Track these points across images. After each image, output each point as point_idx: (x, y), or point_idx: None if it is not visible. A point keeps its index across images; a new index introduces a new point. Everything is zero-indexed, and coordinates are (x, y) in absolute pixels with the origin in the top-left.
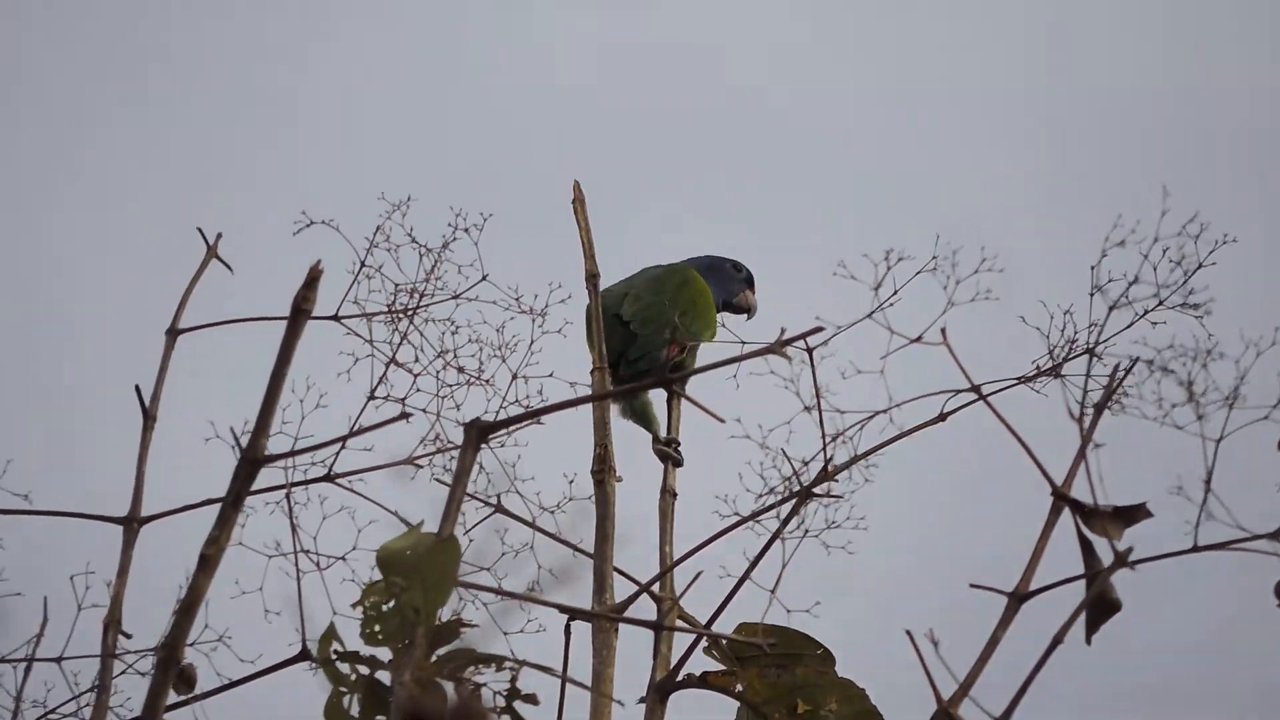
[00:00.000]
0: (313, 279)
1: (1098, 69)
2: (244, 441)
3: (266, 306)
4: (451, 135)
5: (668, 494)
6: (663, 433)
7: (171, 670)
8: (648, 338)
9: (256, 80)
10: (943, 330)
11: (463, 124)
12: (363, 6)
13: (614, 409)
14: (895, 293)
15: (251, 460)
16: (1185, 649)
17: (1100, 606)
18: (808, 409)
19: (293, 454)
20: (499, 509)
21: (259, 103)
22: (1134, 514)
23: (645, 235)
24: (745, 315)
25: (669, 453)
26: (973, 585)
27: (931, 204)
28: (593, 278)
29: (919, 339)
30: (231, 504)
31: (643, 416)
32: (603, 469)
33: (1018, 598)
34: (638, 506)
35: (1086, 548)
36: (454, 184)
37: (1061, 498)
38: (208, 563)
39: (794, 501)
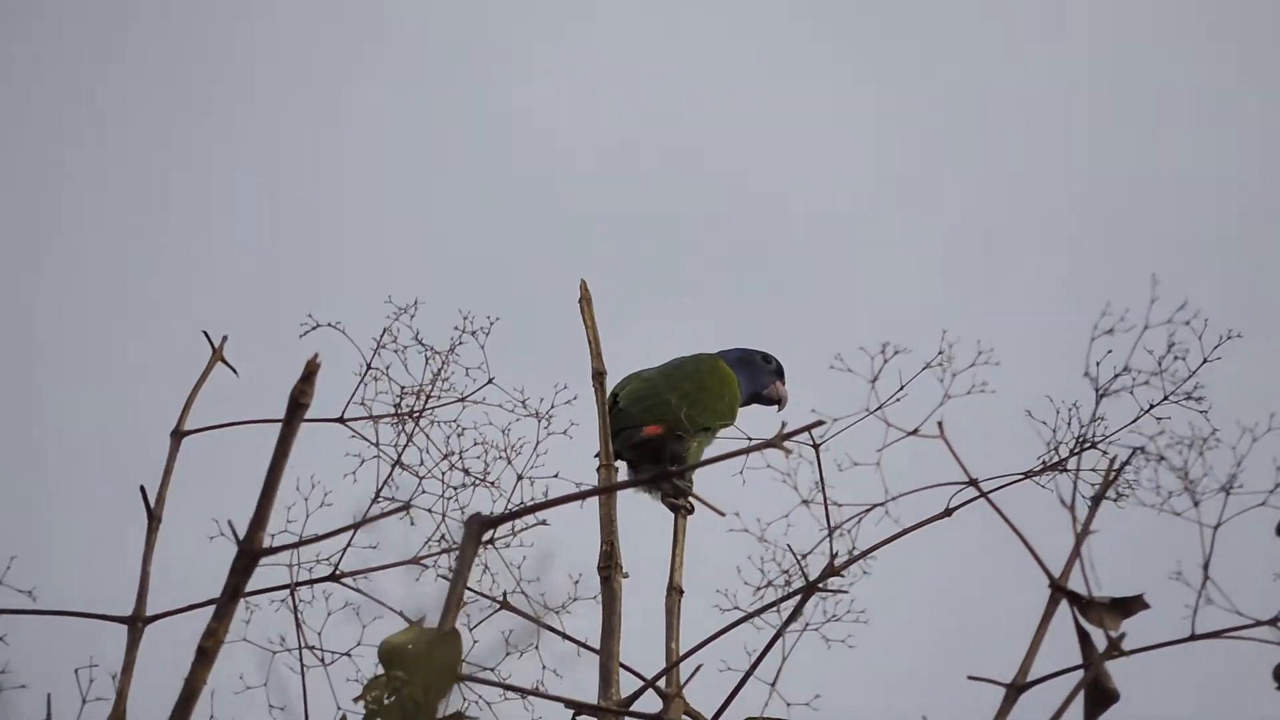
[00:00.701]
0: (309, 373)
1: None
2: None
3: (273, 409)
4: (458, 236)
5: (674, 591)
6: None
7: None
8: (631, 414)
9: (263, 181)
10: (939, 424)
11: (469, 224)
12: (370, 107)
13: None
14: (902, 387)
15: (249, 553)
16: None
17: (1098, 696)
18: (806, 503)
19: (291, 547)
20: (505, 605)
21: (266, 204)
22: (1131, 605)
23: (644, 332)
24: (776, 407)
25: (679, 503)
26: (970, 677)
27: (933, 297)
28: (599, 376)
29: (915, 432)
30: (229, 597)
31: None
32: (609, 565)
33: (1016, 688)
34: (642, 602)
35: (1084, 638)
36: (462, 286)
37: (1059, 589)
38: (206, 655)
39: (799, 596)
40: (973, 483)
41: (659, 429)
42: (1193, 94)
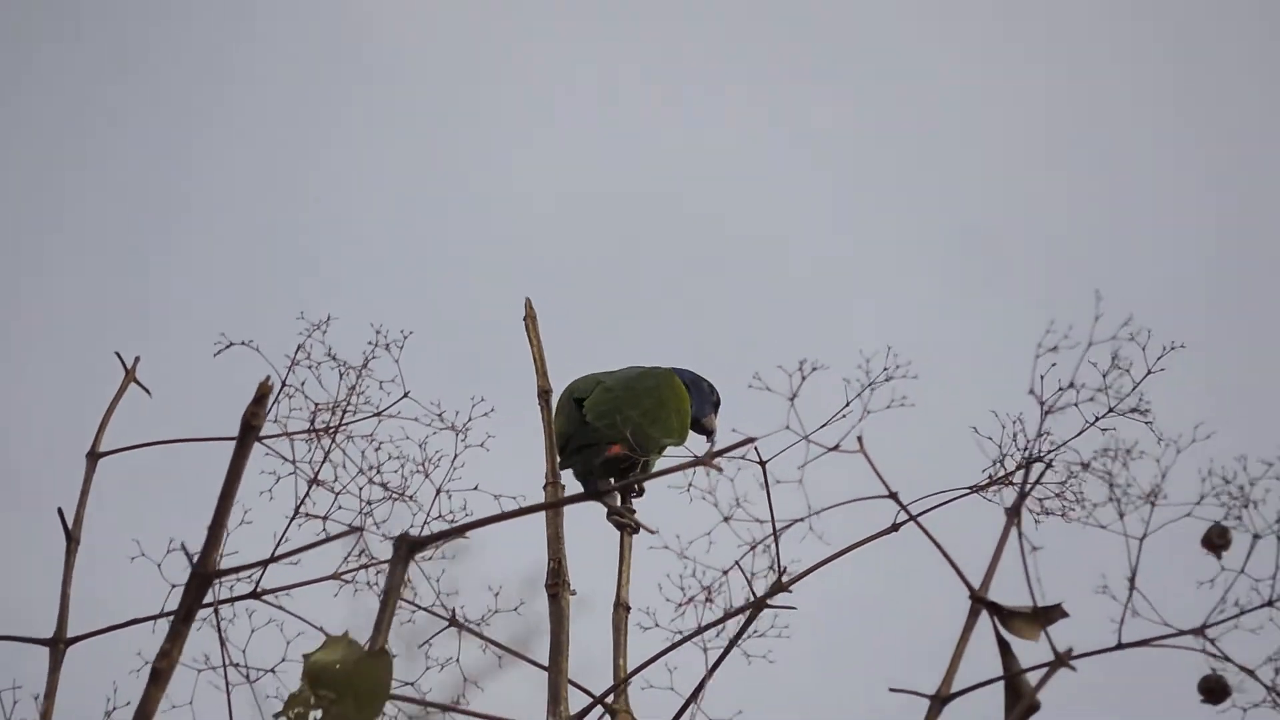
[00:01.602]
0: (261, 395)
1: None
2: (195, 557)
3: (188, 428)
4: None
5: (621, 607)
6: (617, 502)
7: None
8: (596, 430)
9: (168, 195)
10: (859, 439)
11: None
12: (282, 126)
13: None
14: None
15: (202, 575)
16: None
17: (1019, 708)
18: (726, 519)
19: (246, 568)
20: (453, 623)
21: (179, 223)
22: (1051, 614)
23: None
24: (706, 437)
25: (625, 522)
26: (892, 689)
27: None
28: (544, 394)
29: (836, 448)
30: (183, 618)
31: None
32: (557, 583)
33: (940, 700)
34: (586, 619)
35: (1005, 649)
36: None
37: (979, 600)
38: (159, 675)
39: (748, 613)
40: (893, 496)
41: (620, 449)
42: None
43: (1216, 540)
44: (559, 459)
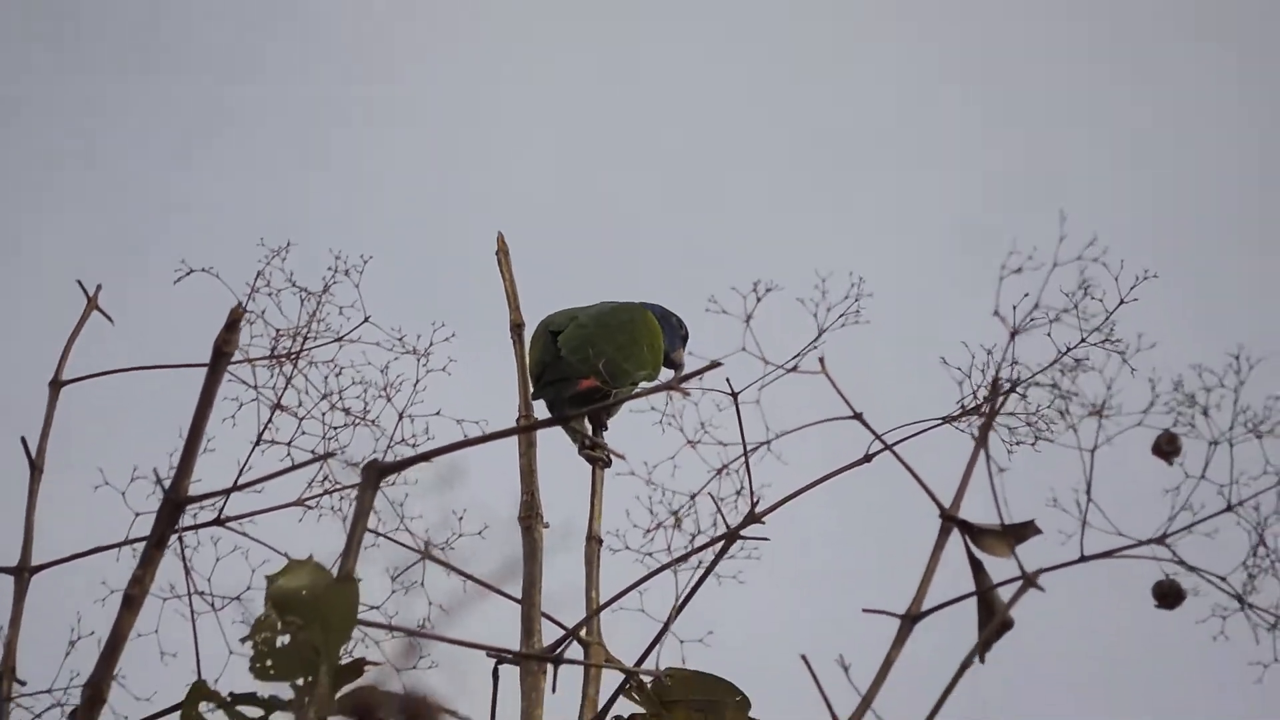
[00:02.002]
0: (233, 321)
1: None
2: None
3: (150, 356)
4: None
5: (593, 540)
6: (587, 431)
7: (98, 708)
8: (569, 364)
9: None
10: (820, 359)
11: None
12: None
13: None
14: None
15: (174, 502)
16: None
17: (992, 624)
18: (691, 444)
19: (216, 495)
20: (426, 555)
21: (144, 149)
22: (1023, 531)
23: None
24: (675, 371)
25: (597, 455)
26: (865, 610)
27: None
28: (517, 328)
29: (795, 369)
30: (155, 544)
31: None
32: (530, 515)
33: (911, 619)
34: (561, 552)
35: (976, 566)
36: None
37: (949, 519)
38: (132, 602)
39: (721, 543)
40: (857, 416)
41: (594, 381)
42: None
43: (1166, 447)
44: (532, 390)
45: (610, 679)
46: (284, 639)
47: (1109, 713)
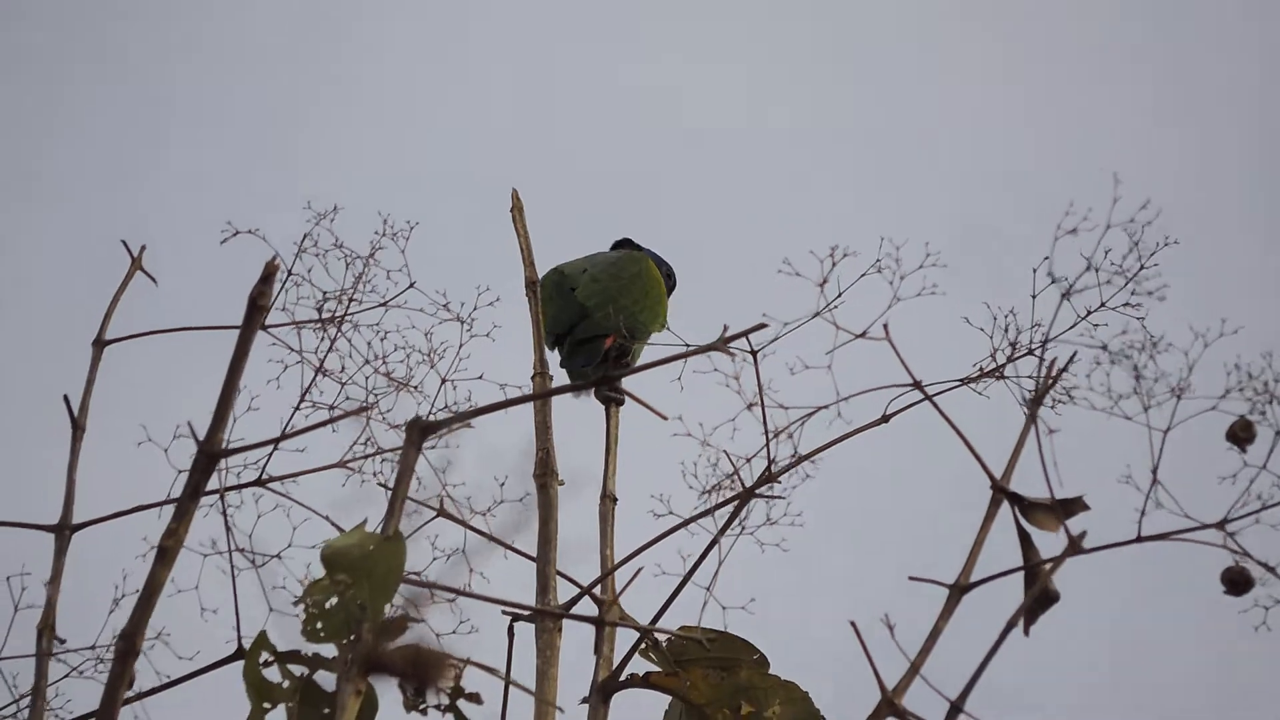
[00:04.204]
0: (268, 275)
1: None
2: (200, 436)
3: (193, 316)
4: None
5: (608, 499)
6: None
7: (130, 661)
8: (596, 322)
9: (179, 83)
10: (885, 326)
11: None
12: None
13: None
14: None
15: (209, 454)
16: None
17: (1038, 598)
18: (749, 406)
19: (250, 448)
20: (441, 513)
21: (183, 109)
22: (1072, 506)
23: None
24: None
25: (612, 395)
26: (911, 578)
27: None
28: (532, 285)
29: (863, 334)
30: (190, 496)
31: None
32: (545, 473)
33: (959, 589)
34: (577, 511)
35: (1025, 540)
36: (381, 191)
37: (1000, 491)
38: (166, 554)
39: (736, 502)
40: (917, 385)
41: (614, 337)
42: None
43: (1240, 434)
44: (560, 349)
45: (629, 637)
46: (333, 600)
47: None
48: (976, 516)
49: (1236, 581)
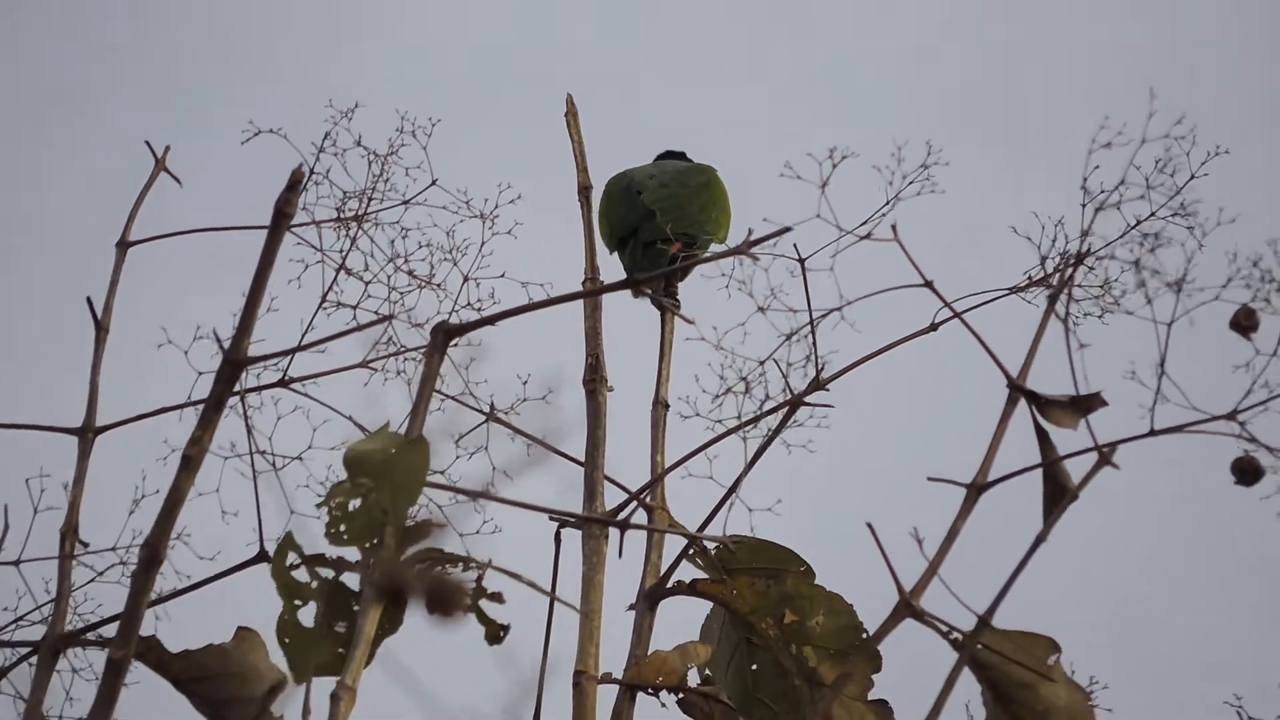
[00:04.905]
0: (294, 182)
1: None
2: (225, 344)
3: (216, 218)
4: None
5: (660, 404)
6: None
7: (154, 569)
8: (660, 226)
9: None
10: (893, 226)
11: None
12: None
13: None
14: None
15: (234, 362)
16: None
17: (1057, 494)
18: (762, 310)
19: (277, 355)
20: (491, 417)
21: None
22: (1089, 403)
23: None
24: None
25: (669, 302)
26: (930, 479)
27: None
28: (585, 190)
29: (869, 236)
30: (214, 406)
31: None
32: (595, 379)
33: (977, 488)
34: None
35: (1043, 437)
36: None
37: (1017, 389)
38: (190, 462)
39: (785, 410)
40: (928, 284)
41: (679, 244)
42: None
43: (1244, 322)
44: (622, 253)
45: (674, 544)
46: (356, 503)
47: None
48: (994, 419)
49: (1246, 471)
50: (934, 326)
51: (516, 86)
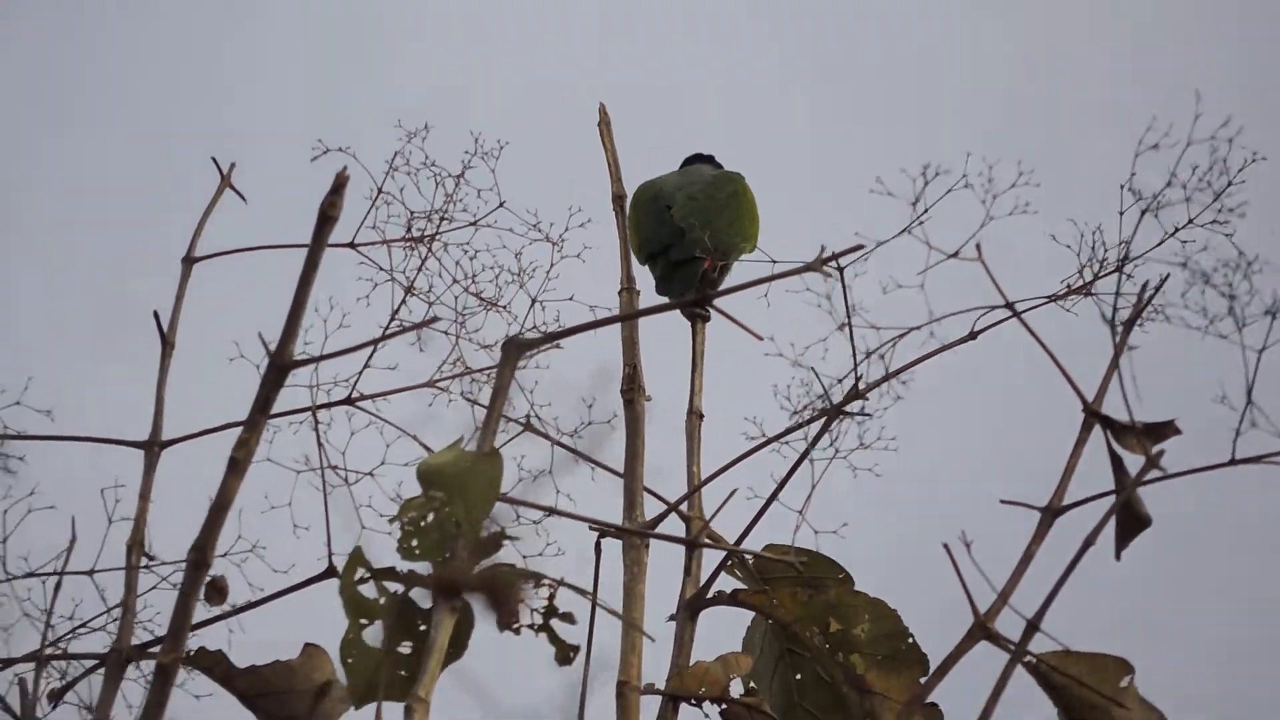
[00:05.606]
0: (339, 185)
1: None
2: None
3: (281, 234)
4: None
5: (694, 415)
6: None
7: (202, 572)
8: (695, 241)
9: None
10: (978, 246)
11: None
12: None
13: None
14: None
15: (279, 366)
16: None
17: (1130, 521)
18: (841, 327)
19: (320, 359)
20: (528, 428)
21: (277, 31)
22: (1163, 430)
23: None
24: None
25: (698, 312)
26: (1003, 501)
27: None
28: (619, 199)
29: (955, 254)
30: (260, 409)
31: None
32: (632, 388)
33: (1051, 512)
34: (663, 429)
35: (1117, 463)
36: (472, 107)
37: (1093, 414)
38: (237, 465)
39: (823, 420)
40: (1008, 305)
41: (710, 260)
42: None
43: None
44: (653, 268)
45: (713, 555)
46: (429, 517)
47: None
48: (1068, 438)
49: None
50: (973, 335)
51: (542, 93)
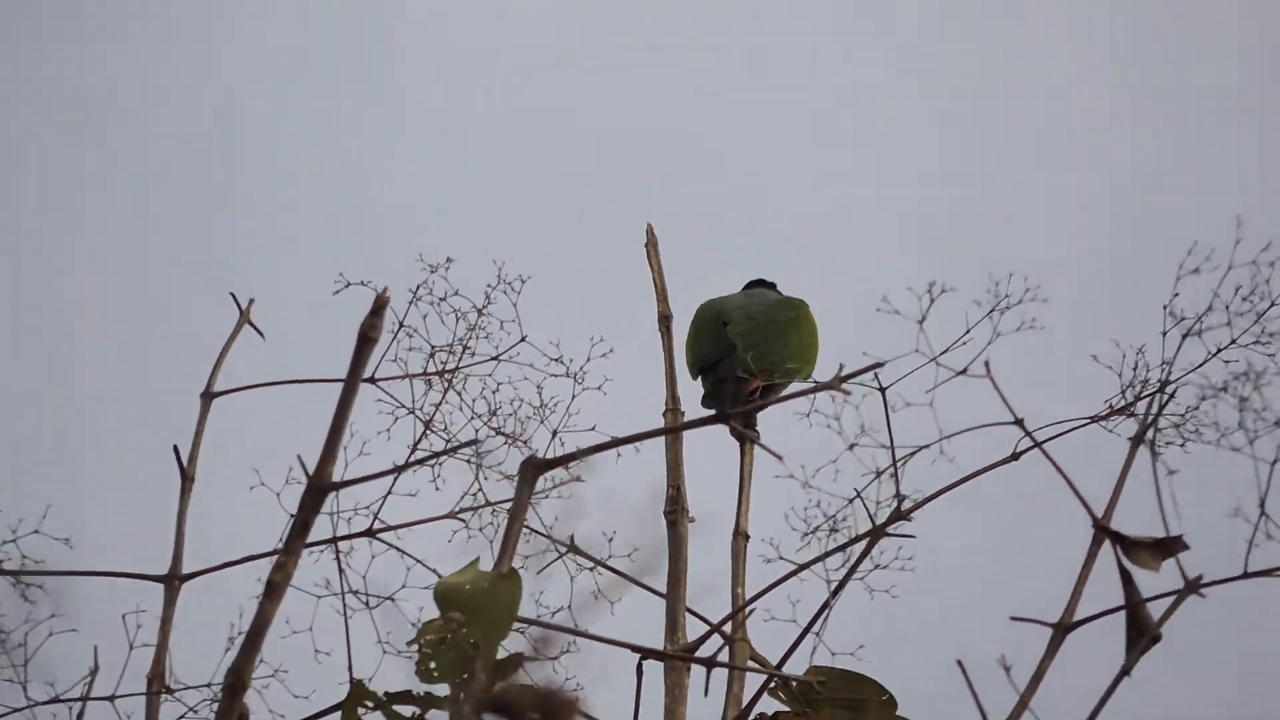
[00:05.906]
0: (379, 307)
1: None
2: (310, 471)
3: (303, 370)
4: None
5: (740, 535)
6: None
7: (239, 695)
8: (741, 360)
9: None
10: (986, 364)
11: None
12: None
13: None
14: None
15: (318, 488)
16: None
17: (1139, 635)
18: (852, 446)
19: (360, 481)
20: (572, 548)
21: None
22: (1172, 546)
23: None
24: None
25: (748, 433)
26: (1014, 618)
27: (980, 237)
28: (665, 320)
29: (964, 372)
30: (298, 531)
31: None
32: (676, 509)
33: (1063, 629)
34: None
35: (1127, 579)
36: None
37: (1102, 530)
38: (274, 588)
39: (865, 541)
40: (1018, 423)
41: (757, 384)
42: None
43: None
44: (704, 380)
45: (756, 675)
46: (447, 639)
47: None
48: (1078, 555)
49: None
50: (1015, 456)
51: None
